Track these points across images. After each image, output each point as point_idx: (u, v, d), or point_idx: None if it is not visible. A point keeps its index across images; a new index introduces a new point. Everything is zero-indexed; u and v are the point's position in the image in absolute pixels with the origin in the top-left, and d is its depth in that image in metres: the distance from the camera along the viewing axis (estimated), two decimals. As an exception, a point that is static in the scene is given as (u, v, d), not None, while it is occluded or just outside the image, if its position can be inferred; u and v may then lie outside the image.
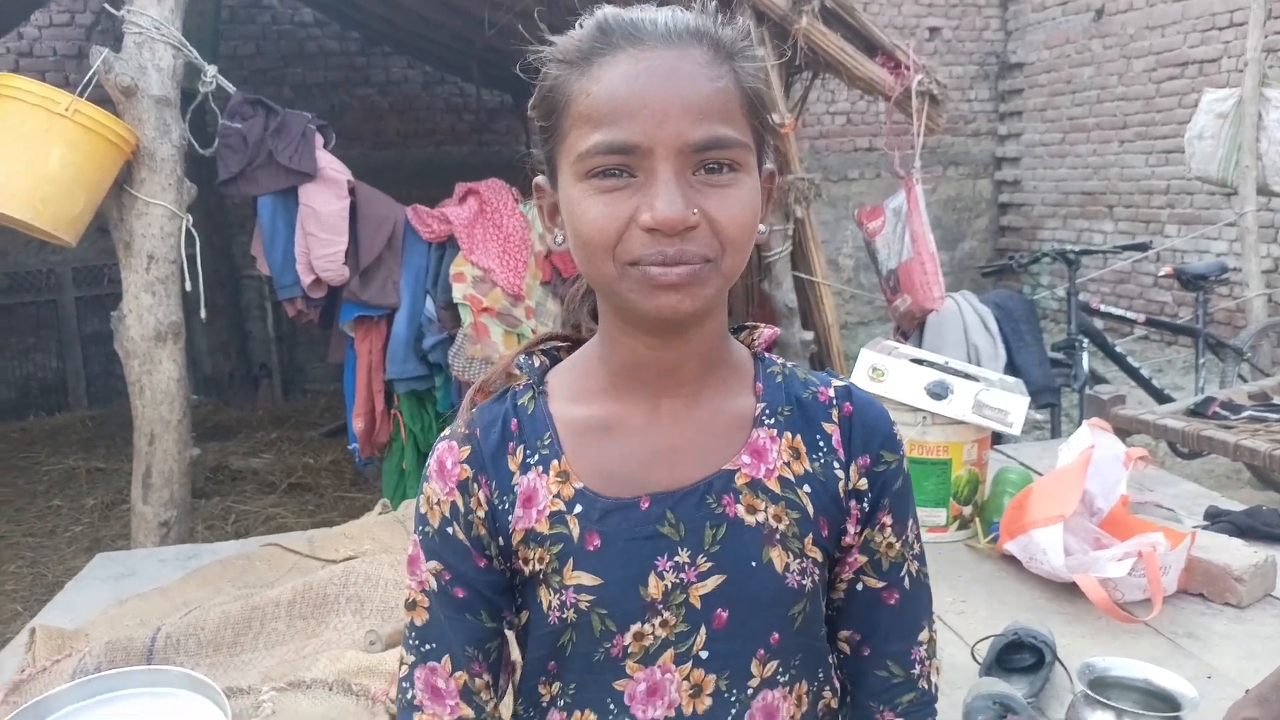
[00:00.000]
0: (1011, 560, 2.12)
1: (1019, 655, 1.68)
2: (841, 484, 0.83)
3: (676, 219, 0.70)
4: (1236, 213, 4.44)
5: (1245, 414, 3.33)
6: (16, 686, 1.65)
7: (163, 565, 2.42)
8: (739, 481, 0.81)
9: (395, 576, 1.90)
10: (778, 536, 0.81)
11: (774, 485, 0.81)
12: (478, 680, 0.83)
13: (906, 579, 0.87)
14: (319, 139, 3.13)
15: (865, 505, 0.84)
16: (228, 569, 2.23)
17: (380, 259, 3.16)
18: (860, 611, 0.87)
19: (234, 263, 6.51)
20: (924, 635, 0.89)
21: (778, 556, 0.80)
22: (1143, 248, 4.52)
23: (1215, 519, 2.24)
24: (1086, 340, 4.12)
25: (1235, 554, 1.92)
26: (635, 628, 0.79)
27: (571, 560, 0.79)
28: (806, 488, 0.82)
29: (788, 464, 0.82)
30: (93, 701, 1.51)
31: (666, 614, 0.79)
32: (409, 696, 0.84)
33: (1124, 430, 3.53)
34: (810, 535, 0.82)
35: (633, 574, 0.79)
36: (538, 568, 0.80)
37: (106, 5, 3.03)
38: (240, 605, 1.82)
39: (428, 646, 0.83)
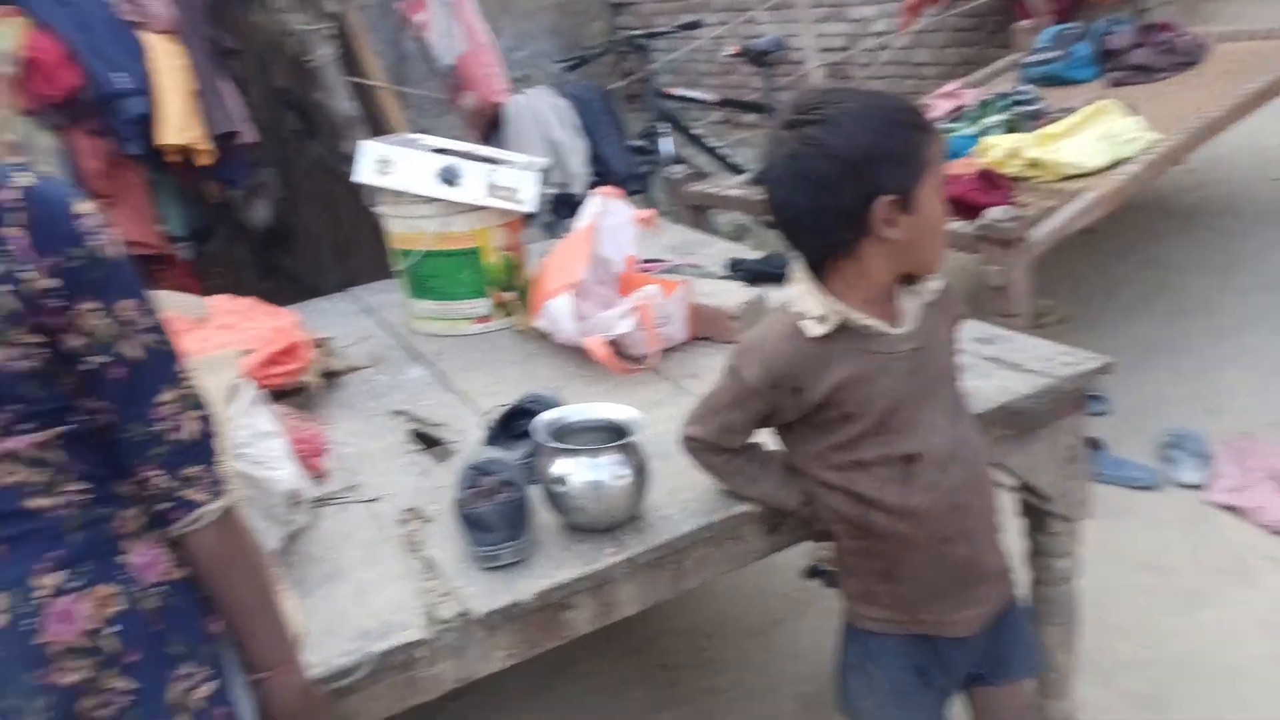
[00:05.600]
0: (549, 339, 2.14)
1: (524, 421, 1.69)
2: (31, 284, 0.89)
3: None
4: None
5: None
6: None
7: None
8: None
9: None
10: None
11: None
12: None
13: (130, 352, 0.94)
14: None
15: (58, 299, 0.90)
16: None
17: None
18: (95, 386, 0.95)
19: None
20: (166, 396, 0.97)
21: None
22: (695, 25, 4.66)
23: (736, 268, 2.39)
24: (665, 125, 4.23)
25: (729, 296, 2.05)
26: None
27: None
28: (7, 286, 0.88)
29: None
30: None
31: None
32: None
33: (700, 206, 3.71)
34: (18, 327, 0.89)
35: None
36: None
37: None
38: None
39: None
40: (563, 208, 3.61)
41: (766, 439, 1.46)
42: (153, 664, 0.97)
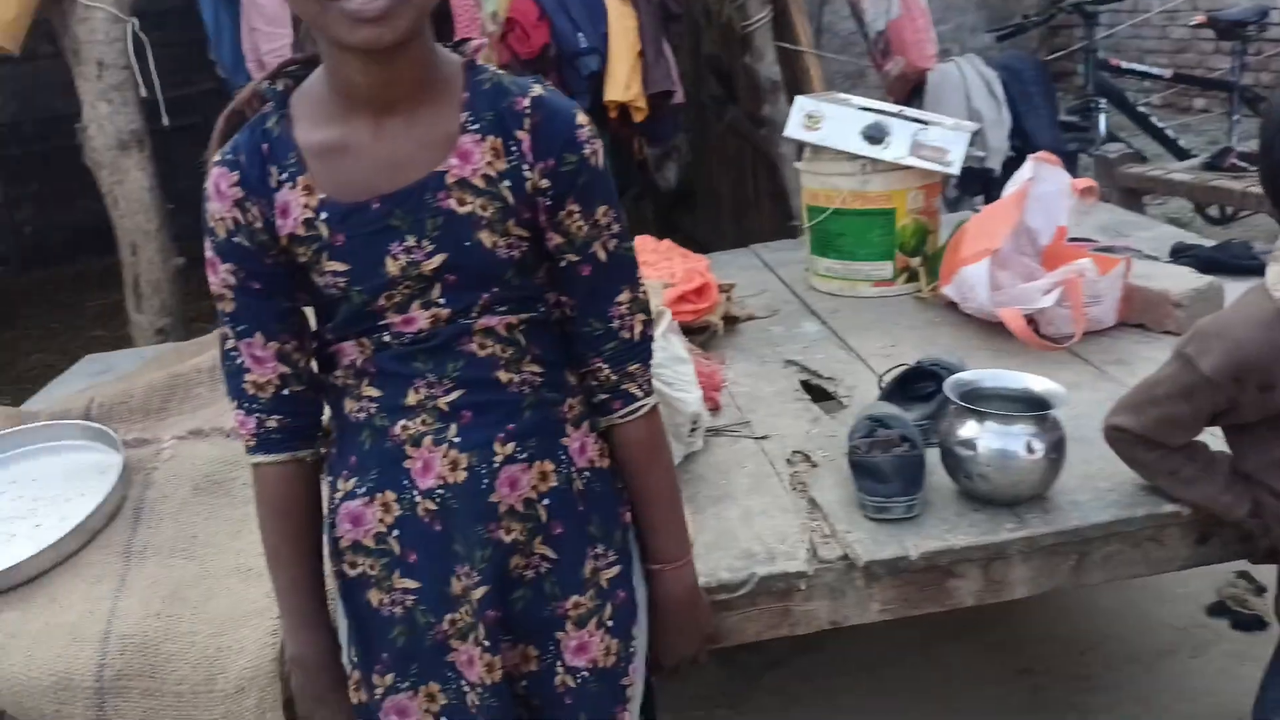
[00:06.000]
0: (954, 308, 2.06)
1: (923, 384, 1.64)
2: (529, 182, 0.99)
3: None
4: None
5: (1262, 163, 3.09)
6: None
7: (134, 361, 2.50)
8: (449, 180, 0.97)
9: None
10: (484, 222, 0.98)
11: (478, 182, 0.98)
12: (288, 345, 1.04)
13: (600, 254, 1.03)
14: (254, -77, 2.98)
15: (549, 199, 0.99)
16: (182, 354, 2.29)
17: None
18: (565, 281, 1.05)
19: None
20: (623, 297, 1.06)
21: (486, 237, 0.98)
22: (1163, -11, 4.12)
23: (1180, 254, 2.12)
24: (1104, 101, 3.84)
25: (1177, 280, 1.83)
26: (384, 294, 0.99)
27: (326, 253, 0.98)
28: (507, 182, 0.98)
29: (490, 163, 0.98)
30: (-4, 456, 1.59)
31: (407, 282, 0.99)
32: (238, 362, 1.04)
33: (1135, 190, 3.35)
34: (512, 220, 0.99)
35: (373, 259, 0.98)
36: (305, 260, 1.00)
37: None
38: (164, 374, 1.88)
39: (242, 327, 1.03)
40: (972, 183, 3.43)
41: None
42: (574, 539, 1.06)
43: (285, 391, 1.04)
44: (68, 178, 6.63)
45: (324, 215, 0.97)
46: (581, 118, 1.00)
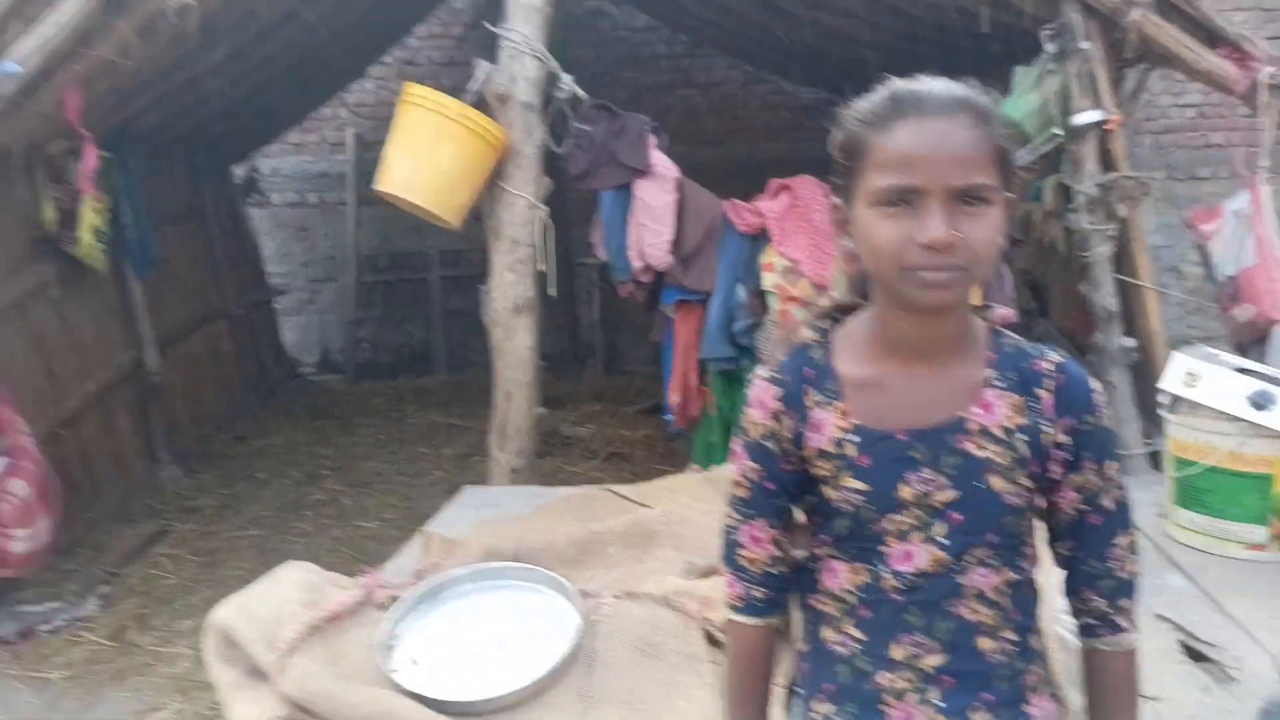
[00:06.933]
0: (1342, 586, 2.02)
1: (1329, 674, 1.64)
2: (1047, 437, 1.10)
3: (944, 240, 1.00)
4: None
5: None
6: (419, 573, 2.11)
7: (515, 500, 2.89)
8: (971, 427, 1.10)
9: (708, 523, 2.18)
10: (997, 468, 1.09)
11: (997, 431, 1.10)
12: (781, 535, 1.21)
13: (1108, 504, 1.14)
14: (653, 139, 3.49)
15: (1067, 454, 1.11)
16: (569, 505, 2.64)
17: (700, 248, 3.46)
18: (1073, 528, 1.15)
19: (569, 252, 7.16)
20: (1121, 540, 1.15)
21: (996, 482, 1.09)
22: None
23: None
24: None
25: None
26: (891, 516, 1.11)
27: (849, 471, 1.12)
28: (1023, 436, 1.10)
29: (1009, 417, 1.10)
30: (477, 586, 1.92)
31: (916, 510, 1.11)
32: (735, 537, 1.22)
33: None
34: (1022, 470, 1.10)
35: (890, 483, 1.11)
36: (824, 474, 1.15)
37: (486, 24, 3.56)
38: (583, 530, 2.19)
39: (750, 511, 1.21)
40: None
41: None
42: None
43: (773, 570, 1.21)
44: (402, 306, 7.75)
45: (855, 438, 1.11)
46: (1095, 383, 1.13)
